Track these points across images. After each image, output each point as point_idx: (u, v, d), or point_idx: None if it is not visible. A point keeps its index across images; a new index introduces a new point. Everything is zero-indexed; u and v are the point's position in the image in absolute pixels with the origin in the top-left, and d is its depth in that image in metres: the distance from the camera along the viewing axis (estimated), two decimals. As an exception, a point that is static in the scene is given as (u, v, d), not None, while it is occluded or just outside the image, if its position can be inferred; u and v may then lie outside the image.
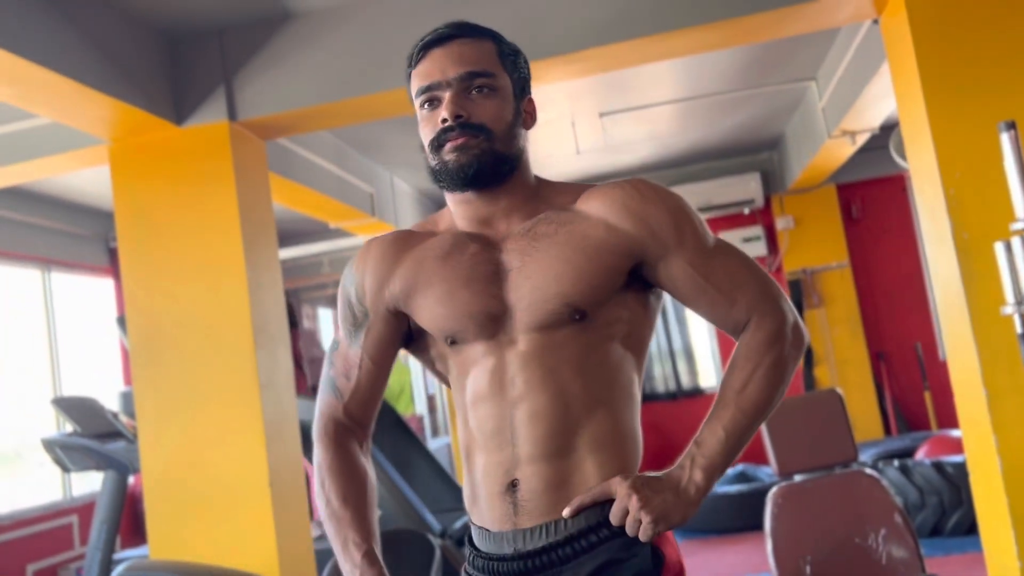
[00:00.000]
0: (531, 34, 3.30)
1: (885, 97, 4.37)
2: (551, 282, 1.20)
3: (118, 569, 2.84)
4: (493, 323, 1.23)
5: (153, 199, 3.48)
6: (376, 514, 1.31)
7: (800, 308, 6.91)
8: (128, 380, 5.76)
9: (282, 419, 3.45)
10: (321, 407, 1.37)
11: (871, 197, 6.89)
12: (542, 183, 1.33)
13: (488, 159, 1.22)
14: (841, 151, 5.43)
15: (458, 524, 4.83)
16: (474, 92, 1.24)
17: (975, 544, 4.09)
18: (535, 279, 1.21)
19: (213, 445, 3.30)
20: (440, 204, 7.26)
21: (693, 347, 7.29)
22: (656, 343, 7.28)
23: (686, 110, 5.48)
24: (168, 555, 3.29)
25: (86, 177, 5.05)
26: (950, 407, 6.55)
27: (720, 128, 6.07)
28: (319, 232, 6.20)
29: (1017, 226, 2.47)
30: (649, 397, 7.14)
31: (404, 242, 1.34)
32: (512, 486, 1.20)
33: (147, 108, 3.24)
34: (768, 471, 5.76)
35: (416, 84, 1.28)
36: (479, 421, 1.24)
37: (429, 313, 1.28)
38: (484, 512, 1.24)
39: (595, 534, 1.17)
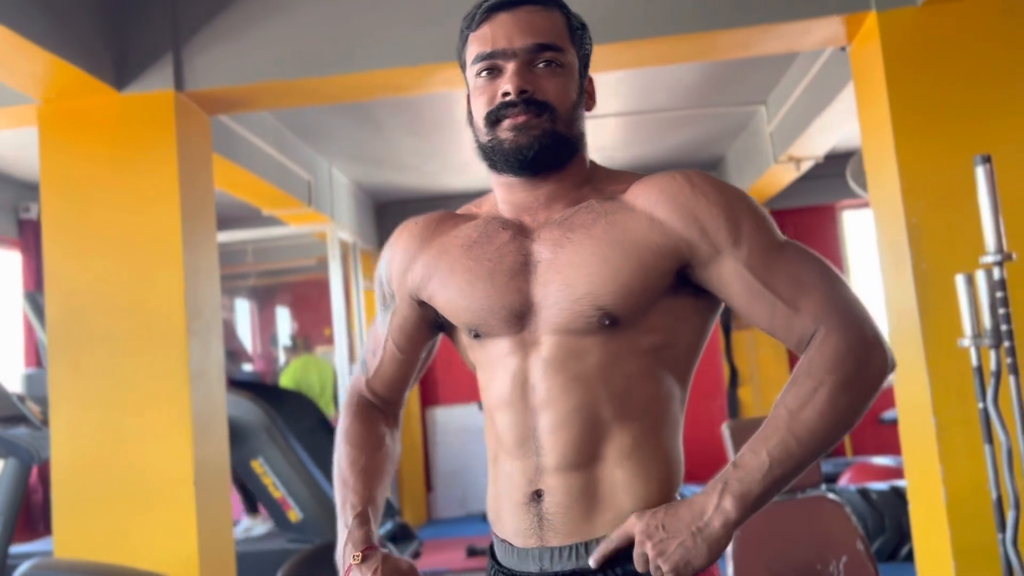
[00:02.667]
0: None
1: (837, 126, 4.44)
2: (582, 280, 1.08)
3: (22, 568, 2.59)
4: (517, 320, 1.12)
5: (85, 169, 3.21)
6: (386, 486, 1.27)
7: (728, 329, 7.00)
8: (33, 361, 5.37)
9: (212, 413, 3.23)
10: (352, 380, 1.36)
11: (804, 225, 7.04)
12: (596, 169, 1.20)
13: (549, 141, 1.10)
14: (784, 177, 5.51)
15: (382, 531, 4.67)
16: (540, 66, 1.11)
17: (899, 571, 4.17)
18: (564, 275, 1.09)
19: (135, 436, 3.06)
20: (376, 201, 7.11)
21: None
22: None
23: (632, 124, 5.47)
24: (75, 553, 3.03)
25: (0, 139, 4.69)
26: (865, 434, 6.76)
27: (663, 145, 6.10)
28: (247, 218, 5.94)
29: (987, 259, 2.50)
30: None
31: (436, 225, 1.24)
32: (536, 496, 1.11)
33: (86, 68, 2.99)
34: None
35: (474, 49, 1.14)
36: (502, 426, 1.15)
37: (449, 305, 1.18)
38: (507, 524, 1.15)
39: (630, 562, 1.06)
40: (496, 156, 1.13)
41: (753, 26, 3.11)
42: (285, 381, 6.21)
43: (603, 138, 5.77)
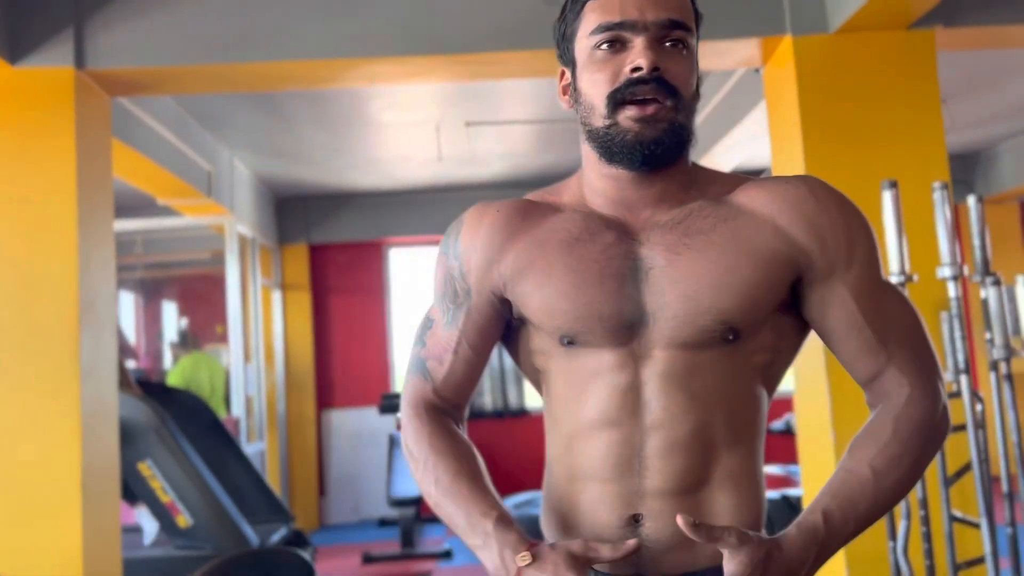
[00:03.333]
0: (427, 29, 3.15)
1: (743, 145, 4.58)
2: (705, 292, 0.99)
3: None
4: (626, 330, 1.02)
5: (-31, 145, 2.97)
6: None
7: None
8: None
9: (102, 412, 3.04)
10: (409, 390, 1.17)
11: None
12: (697, 169, 1.10)
13: (676, 138, 1.01)
14: (689, 191, 5.63)
15: (276, 537, 4.51)
16: (668, 45, 1.01)
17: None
18: (685, 285, 1.00)
19: (18, 436, 2.85)
20: (277, 195, 6.90)
21: (523, 367, 7.30)
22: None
23: (544, 132, 5.50)
24: (-58, 563, 2.78)
25: None
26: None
27: (574, 155, 6.13)
28: (139, 207, 5.63)
29: (891, 280, 2.62)
30: (476, 414, 7.08)
31: (524, 215, 1.10)
32: (634, 520, 1.02)
33: (-24, 37, 2.77)
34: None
35: (595, 18, 1.02)
36: (598, 446, 1.04)
37: (546, 307, 1.05)
38: None
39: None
40: (614, 146, 1.01)
41: (676, 42, 3.16)
42: (174, 380, 5.92)
43: (513, 145, 5.78)
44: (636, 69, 0.99)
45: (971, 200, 2.63)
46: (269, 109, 4.74)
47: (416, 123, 5.10)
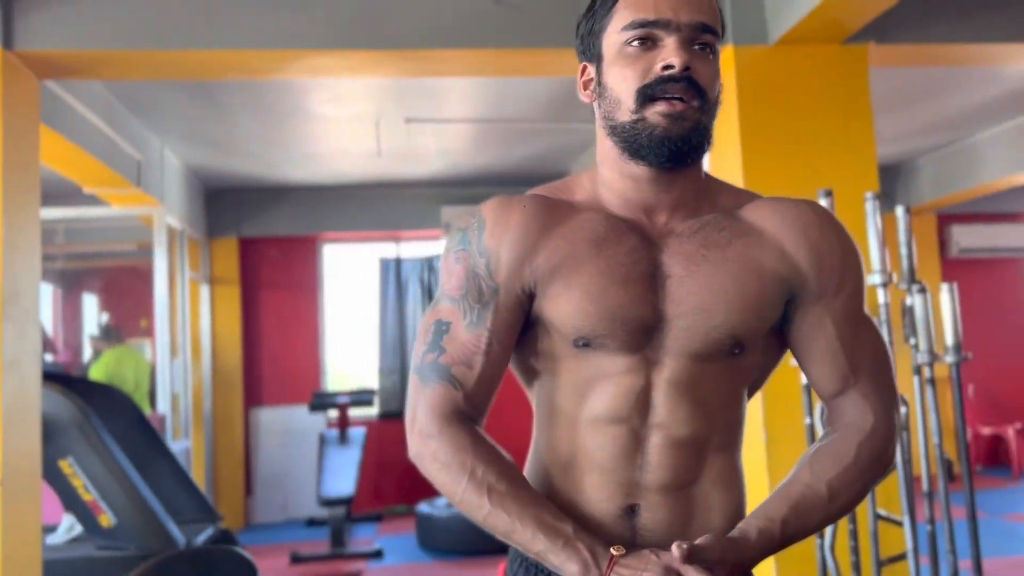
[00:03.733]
0: (373, 23, 3.12)
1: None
2: (720, 306, 1.03)
3: None
4: (644, 335, 1.04)
5: None
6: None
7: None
8: None
9: (25, 406, 2.92)
10: (431, 399, 1.08)
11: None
12: (708, 178, 1.12)
13: (699, 135, 1.02)
14: (625, 195, 5.71)
15: (202, 537, 4.40)
16: (697, 47, 1.02)
17: None
18: (702, 297, 1.03)
19: (-67, 432, 2.71)
20: (208, 187, 6.72)
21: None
22: (400, 363, 7.18)
23: (483, 131, 5.50)
24: None
25: None
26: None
27: (511, 155, 6.18)
28: (63, 195, 5.42)
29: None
30: (394, 415, 7.04)
31: (550, 211, 1.08)
32: (631, 511, 1.06)
33: None
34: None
35: (630, 15, 1.03)
36: (600, 440, 1.07)
37: (570, 306, 1.04)
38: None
39: None
40: (641, 140, 1.01)
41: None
42: (96, 374, 5.72)
43: (452, 142, 5.76)
44: (668, 67, 1.00)
45: (899, 211, 2.73)
46: (203, 98, 4.62)
47: (355, 117, 5.04)
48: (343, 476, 5.86)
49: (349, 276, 7.54)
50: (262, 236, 7.08)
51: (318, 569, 5.28)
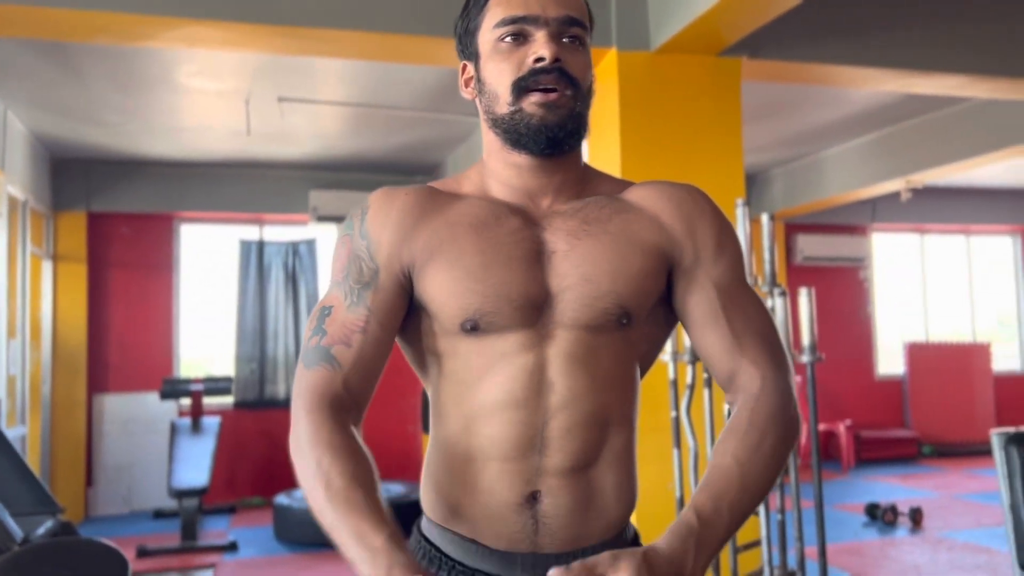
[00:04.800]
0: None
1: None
2: (604, 276, 1.06)
3: None
4: (533, 310, 1.06)
5: None
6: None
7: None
8: None
9: None
10: (310, 381, 1.07)
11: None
12: (588, 168, 1.17)
13: (575, 122, 1.06)
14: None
15: (40, 530, 4.11)
16: (566, 40, 1.07)
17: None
18: (585, 269, 1.06)
19: None
20: (55, 156, 6.25)
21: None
22: (283, 348, 7.00)
23: (360, 115, 5.41)
24: None
25: None
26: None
27: (387, 143, 6.10)
28: None
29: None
30: (269, 403, 6.83)
31: (432, 199, 1.13)
32: (533, 499, 1.05)
33: None
34: (395, 488, 5.82)
35: (501, 13, 1.08)
36: (501, 427, 1.05)
37: (451, 288, 1.06)
38: (487, 527, 1.06)
39: None
40: (520, 130, 1.06)
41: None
42: (-82, 354, 5.22)
43: (326, 125, 5.63)
44: (539, 59, 1.05)
45: (764, 219, 2.89)
46: (56, 60, 4.30)
47: (225, 93, 4.83)
48: (196, 467, 5.62)
49: (207, 258, 7.22)
50: (114, 212, 6.67)
51: (167, 562, 5.05)
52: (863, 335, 8.49)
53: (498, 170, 1.12)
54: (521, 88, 1.05)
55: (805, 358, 2.83)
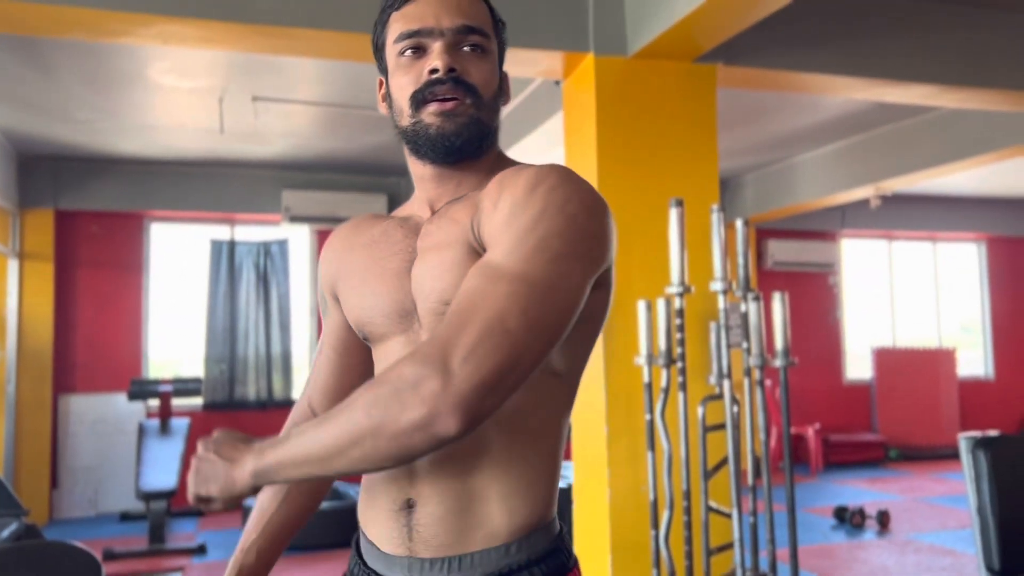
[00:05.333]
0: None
1: (536, 153, 4.76)
2: (428, 275, 1.05)
3: None
4: (402, 319, 1.09)
5: None
6: (291, 517, 1.24)
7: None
8: None
9: None
10: (297, 403, 1.29)
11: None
12: (501, 162, 1.12)
13: (474, 130, 1.06)
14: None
15: (4, 533, 4.04)
16: (466, 49, 1.08)
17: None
18: (422, 271, 1.08)
19: None
20: (22, 153, 6.16)
21: (292, 356, 7.07)
22: (254, 349, 6.93)
23: (334, 116, 5.38)
24: None
25: None
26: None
27: (359, 143, 6.07)
28: None
29: (671, 290, 2.85)
30: (239, 404, 6.76)
31: (356, 227, 1.21)
32: (408, 506, 1.05)
33: None
34: (358, 488, 5.78)
35: (399, 28, 1.09)
36: None
37: (347, 305, 1.16)
38: (374, 526, 1.10)
39: None
40: (420, 141, 1.07)
41: (487, 45, 3.23)
42: None
43: (300, 125, 5.59)
44: (433, 71, 1.06)
45: (739, 224, 2.92)
46: (24, 54, 4.23)
47: (199, 91, 4.78)
48: (164, 469, 5.55)
49: (178, 258, 7.13)
50: (83, 210, 6.58)
51: (135, 566, 4.98)
52: (832, 340, 8.60)
53: (415, 183, 1.16)
54: (419, 100, 1.06)
55: (778, 362, 2.86)
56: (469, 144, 1.06)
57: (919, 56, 3.84)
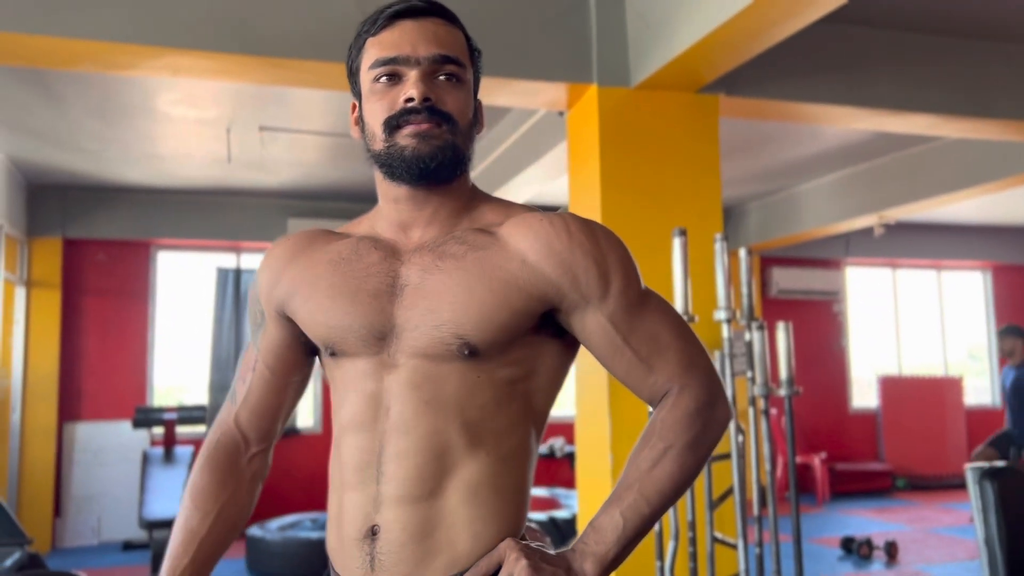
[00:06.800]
0: (238, 26, 3.03)
1: (538, 182, 4.79)
2: (445, 307, 1.06)
3: None
4: (377, 340, 1.10)
5: None
6: (218, 544, 1.20)
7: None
8: None
9: None
10: (219, 414, 1.26)
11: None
12: (477, 195, 1.18)
13: (450, 154, 1.09)
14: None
15: (8, 562, 4.02)
16: (441, 78, 1.10)
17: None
18: (430, 301, 1.08)
19: None
20: (31, 182, 6.21)
21: (295, 384, 7.06)
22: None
23: (340, 145, 5.43)
24: None
25: None
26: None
27: (366, 172, 6.02)
28: None
29: (675, 319, 2.86)
30: (241, 431, 6.76)
31: (309, 242, 1.20)
32: (372, 533, 1.06)
33: None
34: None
35: (375, 54, 1.11)
36: (348, 451, 1.11)
37: (309, 319, 1.15)
38: (340, 556, 1.10)
39: None
40: (395, 162, 1.08)
41: (491, 77, 3.26)
42: None
43: (306, 154, 5.64)
44: (409, 100, 1.08)
45: (742, 253, 2.93)
46: (34, 85, 4.28)
47: (207, 121, 4.84)
48: (168, 497, 5.53)
49: (184, 286, 7.16)
50: (90, 238, 6.62)
51: (137, 596, 4.95)
52: (837, 368, 8.57)
53: (383, 207, 1.17)
54: (392, 126, 1.08)
55: (783, 391, 2.86)
56: (443, 168, 1.09)
57: (920, 86, 3.87)
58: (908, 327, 9.06)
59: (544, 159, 4.38)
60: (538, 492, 6.02)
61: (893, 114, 3.90)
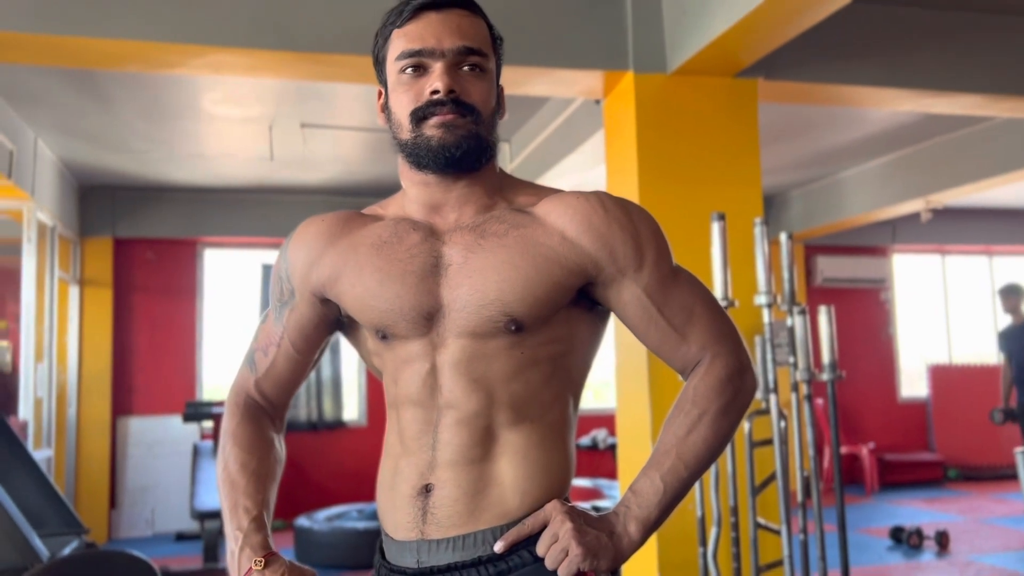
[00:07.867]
0: (277, 23, 3.08)
1: (576, 171, 4.79)
2: (491, 286, 1.11)
3: None
4: (427, 321, 1.14)
5: None
6: (275, 492, 1.21)
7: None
8: None
9: None
10: (236, 378, 1.30)
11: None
12: (505, 178, 1.22)
13: (474, 143, 1.13)
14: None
15: (66, 551, 4.14)
16: (465, 69, 1.14)
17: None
18: (475, 280, 1.12)
19: None
20: (82, 183, 6.37)
21: (342, 379, 7.16)
22: (303, 369, 7.04)
23: (381, 141, 5.47)
24: None
25: None
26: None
27: (406, 167, 6.15)
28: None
29: (715, 304, 2.84)
30: (290, 427, 6.87)
31: (345, 224, 1.23)
32: (426, 490, 1.12)
33: None
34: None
35: (401, 45, 1.15)
36: (406, 424, 1.17)
37: (358, 304, 1.18)
38: (391, 518, 1.16)
39: (505, 561, 1.09)
40: (422, 151, 1.13)
41: (528, 67, 3.28)
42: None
43: (348, 151, 5.71)
44: (435, 92, 1.12)
45: (783, 238, 2.91)
46: (84, 88, 4.40)
47: (249, 119, 4.92)
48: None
49: (230, 282, 7.30)
50: (138, 237, 6.78)
51: (190, 585, 5.07)
52: (885, 357, 8.42)
53: (410, 190, 1.20)
54: (419, 117, 1.13)
55: (826, 376, 2.83)
56: (468, 156, 1.12)
57: (966, 66, 3.79)
58: (958, 314, 8.86)
59: (582, 148, 4.38)
60: (582, 483, 6.03)
61: (939, 95, 3.82)
